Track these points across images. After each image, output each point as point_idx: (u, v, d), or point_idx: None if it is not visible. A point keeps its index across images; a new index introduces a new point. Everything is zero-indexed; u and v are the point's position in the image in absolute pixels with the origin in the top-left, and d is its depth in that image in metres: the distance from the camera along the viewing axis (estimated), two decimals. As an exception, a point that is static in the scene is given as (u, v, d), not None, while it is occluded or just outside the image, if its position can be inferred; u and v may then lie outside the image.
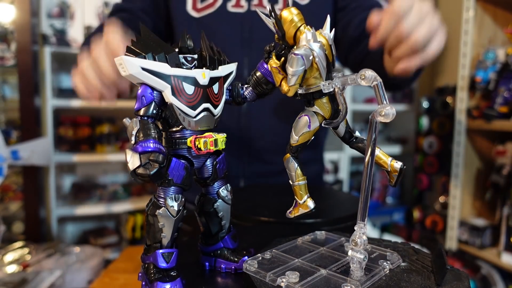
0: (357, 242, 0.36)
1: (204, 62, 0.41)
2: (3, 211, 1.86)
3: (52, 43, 1.85)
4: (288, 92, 0.39)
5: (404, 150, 2.41)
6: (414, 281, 0.37)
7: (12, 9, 1.77)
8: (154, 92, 0.37)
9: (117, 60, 0.37)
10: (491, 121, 1.62)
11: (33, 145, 1.37)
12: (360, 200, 0.37)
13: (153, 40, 0.38)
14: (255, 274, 0.38)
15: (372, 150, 0.36)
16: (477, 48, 1.77)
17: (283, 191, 0.75)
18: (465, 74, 1.75)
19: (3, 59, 1.83)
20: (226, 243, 0.45)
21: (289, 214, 0.43)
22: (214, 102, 0.40)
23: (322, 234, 0.49)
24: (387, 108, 0.34)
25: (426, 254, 0.44)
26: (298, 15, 0.38)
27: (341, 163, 2.34)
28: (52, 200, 1.84)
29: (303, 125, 0.40)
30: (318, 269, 0.38)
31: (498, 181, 1.73)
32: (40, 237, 1.79)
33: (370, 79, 0.35)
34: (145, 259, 0.40)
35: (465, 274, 0.39)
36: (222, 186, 0.44)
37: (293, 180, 0.42)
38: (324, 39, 0.38)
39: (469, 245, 1.76)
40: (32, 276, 1.02)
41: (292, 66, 0.36)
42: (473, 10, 1.72)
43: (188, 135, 0.39)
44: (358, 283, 0.35)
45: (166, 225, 0.38)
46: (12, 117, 1.93)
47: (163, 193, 0.38)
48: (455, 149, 1.80)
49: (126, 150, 0.35)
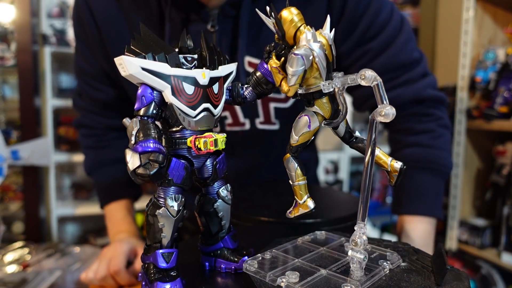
0: (357, 242, 0.36)
1: (204, 62, 0.41)
2: (3, 211, 1.86)
3: (52, 43, 1.85)
4: (288, 92, 0.39)
5: (404, 150, 2.40)
6: (414, 281, 0.37)
7: (12, 9, 1.78)
8: (154, 92, 0.37)
9: (117, 60, 0.37)
10: (491, 121, 1.62)
11: (33, 145, 1.37)
12: (360, 200, 0.37)
13: (153, 40, 0.38)
14: (255, 274, 0.38)
15: (372, 150, 0.36)
16: (477, 48, 1.77)
17: (283, 191, 0.75)
18: (465, 74, 1.75)
19: (3, 59, 1.83)
20: (226, 243, 0.45)
21: (289, 214, 0.43)
22: (214, 102, 0.40)
23: (322, 234, 0.49)
24: (387, 108, 0.34)
25: (426, 254, 0.44)
26: (298, 15, 0.38)
27: (341, 163, 2.34)
28: (52, 200, 1.84)
29: (303, 125, 0.40)
30: (318, 269, 0.38)
31: (498, 181, 1.73)
32: (40, 237, 1.79)
33: (370, 79, 0.35)
34: (145, 259, 0.40)
35: (465, 274, 0.39)
36: (222, 186, 0.44)
37: (293, 180, 0.42)
38: (324, 39, 0.38)
39: (469, 245, 1.76)
40: (32, 276, 1.02)
41: (292, 66, 0.36)
42: (473, 10, 1.72)
43: (188, 135, 0.39)
44: (358, 283, 0.35)
45: (166, 225, 0.38)
46: (12, 117, 1.93)
47: (163, 193, 0.38)
48: (455, 149, 1.80)
49: (126, 150, 0.35)
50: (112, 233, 0.85)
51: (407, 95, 0.73)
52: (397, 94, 0.73)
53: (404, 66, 0.74)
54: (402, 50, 0.73)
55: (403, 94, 0.73)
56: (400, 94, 0.73)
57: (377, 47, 0.73)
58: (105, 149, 0.89)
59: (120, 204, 0.88)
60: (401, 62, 0.73)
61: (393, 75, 0.74)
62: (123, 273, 0.71)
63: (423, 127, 0.75)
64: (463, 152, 1.79)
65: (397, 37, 0.73)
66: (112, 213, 0.88)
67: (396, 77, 0.74)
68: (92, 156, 0.90)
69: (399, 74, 0.74)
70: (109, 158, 0.88)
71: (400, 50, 0.73)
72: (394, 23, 0.73)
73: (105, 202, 0.89)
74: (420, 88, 0.73)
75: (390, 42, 0.73)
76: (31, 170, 1.74)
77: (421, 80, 0.75)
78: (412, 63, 0.75)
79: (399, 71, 0.74)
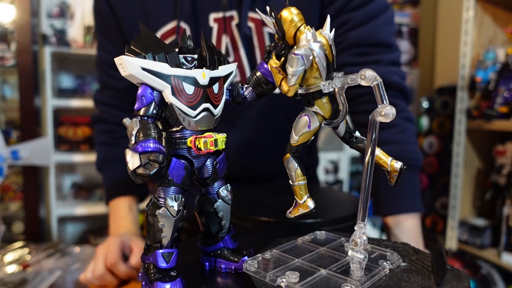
0: (357, 242, 0.36)
1: (204, 62, 0.41)
2: (3, 211, 1.86)
3: (52, 43, 1.86)
4: (288, 92, 0.39)
5: (404, 150, 2.40)
6: (414, 281, 0.37)
7: (12, 9, 1.78)
8: (154, 92, 0.37)
9: (117, 60, 0.37)
10: (491, 121, 1.62)
11: (33, 145, 1.37)
12: (360, 200, 0.37)
13: (153, 40, 0.38)
14: (255, 274, 0.38)
15: (372, 150, 0.36)
16: (477, 48, 1.77)
17: (283, 191, 0.75)
18: (465, 74, 1.75)
19: (3, 59, 1.83)
20: (226, 243, 0.45)
21: (289, 214, 0.43)
22: (214, 102, 0.40)
23: (322, 234, 0.49)
24: (387, 108, 0.34)
25: (426, 254, 0.44)
26: (298, 15, 0.38)
27: (341, 163, 2.34)
28: (52, 200, 1.84)
29: (303, 125, 0.40)
30: (318, 269, 0.38)
31: (498, 181, 1.73)
32: (40, 237, 1.79)
33: (370, 79, 0.35)
34: (145, 259, 0.40)
35: (465, 274, 0.39)
36: (222, 186, 0.44)
37: (293, 180, 0.42)
38: (324, 39, 0.38)
39: (469, 245, 1.76)
40: (32, 276, 1.02)
41: (292, 66, 0.36)
42: (473, 10, 1.72)
43: (188, 135, 0.39)
44: (358, 283, 0.35)
45: (166, 225, 0.38)
46: (12, 117, 1.93)
47: (163, 193, 0.38)
48: (455, 149, 1.80)
49: (126, 150, 0.35)
50: (113, 229, 0.85)
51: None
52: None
53: (379, 46, 0.75)
54: (381, 29, 0.74)
55: None
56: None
57: (358, 18, 0.74)
58: (116, 146, 0.91)
59: (125, 201, 0.88)
60: (376, 40, 0.74)
61: (365, 51, 0.74)
62: (120, 264, 0.70)
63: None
64: (463, 152, 1.79)
65: (379, 15, 0.75)
66: (116, 209, 0.88)
67: (367, 54, 0.75)
68: (103, 152, 0.93)
69: (371, 52, 0.75)
70: (119, 155, 0.89)
71: (379, 28, 0.74)
72: (380, 2, 0.75)
73: (110, 197, 0.89)
74: (387, 72, 0.73)
75: (372, 17, 0.74)
76: (31, 170, 1.74)
77: (391, 66, 0.75)
78: (387, 46, 0.75)
79: (372, 49, 0.74)
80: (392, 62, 0.76)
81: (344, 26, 0.75)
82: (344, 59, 0.75)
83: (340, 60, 0.75)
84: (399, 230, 0.72)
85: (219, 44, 0.79)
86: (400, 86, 0.74)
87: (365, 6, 0.74)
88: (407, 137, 0.74)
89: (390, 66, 0.75)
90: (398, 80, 0.74)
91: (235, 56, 0.79)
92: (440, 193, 2.02)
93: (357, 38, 0.74)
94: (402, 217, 0.72)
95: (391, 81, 0.73)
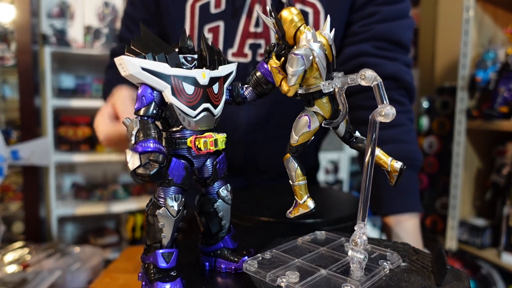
0: (357, 242, 0.36)
1: (204, 62, 0.41)
2: (3, 211, 1.86)
3: (52, 43, 1.86)
4: (288, 92, 0.39)
5: (404, 150, 2.40)
6: (414, 281, 0.37)
7: (12, 9, 1.78)
8: (154, 92, 0.37)
9: (117, 60, 0.37)
10: (491, 121, 1.62)
11: (33, 145, 1.37)
12: (360, 200, 0.37)
13: (153, 40, 0.38)
14: (255, 274, 0.38)
15: (372, 150, 0.36)
16: (477, 48, 1.77)
17: (283, 191, 0.75)
18: (465, 74, 1.75)
19: (3, 59, 1.83)
20: (226, 243, 0.45)
21: (289, 214, 0.43)
22: (214, 102, 0.40)
23: (322, 234, 0.49)
24: (387, 108, 0.34)
25: (426, 254, 0.44)
26: (298, 15, 0.38)
27: (341, 163, 2.34)
28: (52, 200, 1.84)
29: (303, 125, 0.40)
30: (318, 269, 0.38)
31: (498, 181, 1.73)
32: (40, 237, 1.79)
33: (370, 79, 0.35)
34: (145, 259, 0.40)
35: (465, 274, 0.39)
36: (222, 186, 0.44)
37: (293, 180, 0.42)
38: (324, 39, 0.38)
39: (469, 245, 1.76)
40: (32, 276, 1.02)
41: (292, 66, 0.36)
42: (473, 10, 1.72)
43: (188, 135, 0.39)
44: (358, 283, 0.35)
45: (166, 225, 0.38)
46: (12, 117, 1.93)
47: (163, 193, 0.38)
48: (455, 149, 1.80)
49: (126, 150, 0.35)
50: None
51: (388, 69, 0.75)
52: (381, 63, 0.75)
53: (399, 45, 0.76)
54: (405, 30, 0.76)
55: (385, 67, 0.75)
56: (382, 65, 0.74)
57: (386, 13, 0.76)
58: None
59: (126, 87, 0.79)
60: (398, 39, 0.76)
61: (386, 46, 0.76)
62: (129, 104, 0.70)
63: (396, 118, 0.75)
64: (463, 152, 1.79)
65: (406, 18, 0.77)
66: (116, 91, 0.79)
67: (387, 49, 0.76)
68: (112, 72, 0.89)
69: (391, 49, 0.76)
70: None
71: (404, 29, 0.76)
72: (407, 6, 0.77)
73: (111, 87, 0.81)
74: (402, 71, 0.75)
75: (399, 16, 0.76)
76: (31, 170, 1.74)
77: (406, 67, 0.77)
78: (405, 47, 0.77)
79: (393, 46, 0.76)
80: (407, 64, 0.78)
81: (371, 18, 0.77)
82: (365, 49, 0.77)
83: (360, 49, 0.76)
84: (399, 230, 0.72)
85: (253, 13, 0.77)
86: (411, 87, 0.76)
87: (395, 4, 0.76)
88: (413, 138, 0.75)
89: (405, 67, 0.77)
90: (410, 81, 0.76)
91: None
92: (440, 193, 2.02)
93: (381, 32, 0.75)
94: (402, 217, 0.72)
95: (405, 80, 0.75)
